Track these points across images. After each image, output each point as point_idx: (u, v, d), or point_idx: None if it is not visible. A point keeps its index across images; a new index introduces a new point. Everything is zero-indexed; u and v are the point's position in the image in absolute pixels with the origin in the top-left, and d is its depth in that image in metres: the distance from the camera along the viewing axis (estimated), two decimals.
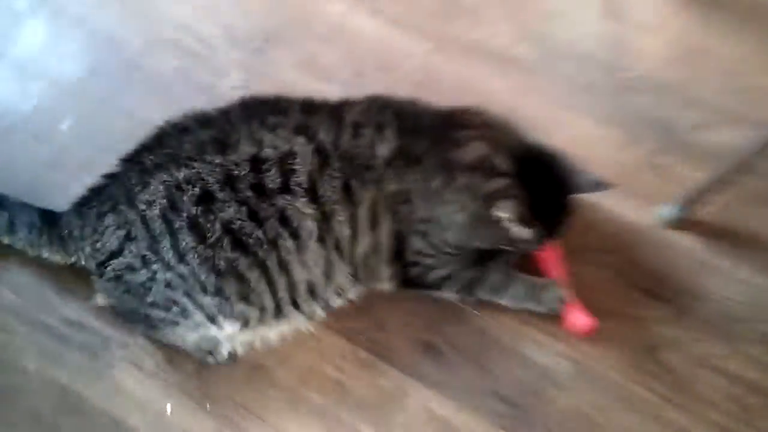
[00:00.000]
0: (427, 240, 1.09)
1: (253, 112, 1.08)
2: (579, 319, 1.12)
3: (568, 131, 1.30)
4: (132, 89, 1.46)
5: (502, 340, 1.14)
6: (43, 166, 1.35)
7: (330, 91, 1.20)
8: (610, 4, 1.52)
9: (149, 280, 1.05)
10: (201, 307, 1.06)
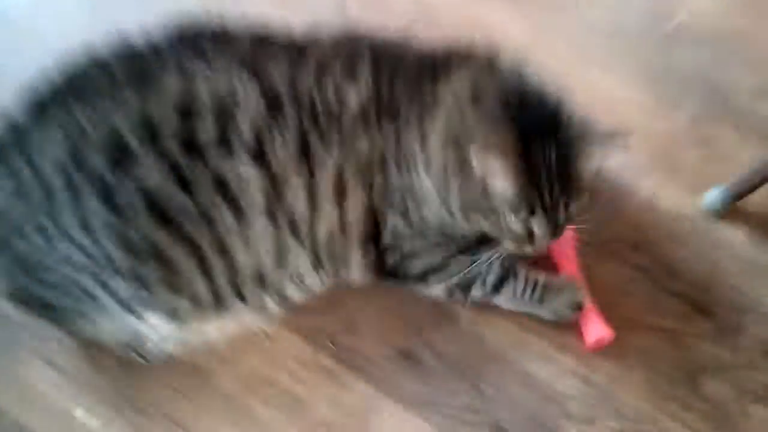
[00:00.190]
0: (407, 219, 0.98)
1: (189, 41, 0.95)
2: (596, 330, 1.02)
3: (591, 90, 1.12)
4: None
5: (500, 351, 1.04)
6: None
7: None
8: None
9: (45, 254, 0.91)
10: (113, 294, 0.94)
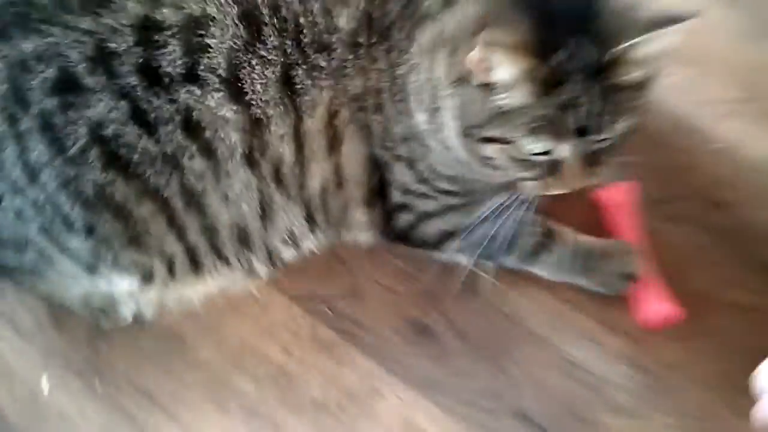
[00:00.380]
0: (414, 170, 0.89)
1: None
2: (656, 307, 0.94)
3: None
4: None
5: (533, 328, 0.95)
6: None
7: None
8: None
9: None
10: (68, 251, 0.86)
